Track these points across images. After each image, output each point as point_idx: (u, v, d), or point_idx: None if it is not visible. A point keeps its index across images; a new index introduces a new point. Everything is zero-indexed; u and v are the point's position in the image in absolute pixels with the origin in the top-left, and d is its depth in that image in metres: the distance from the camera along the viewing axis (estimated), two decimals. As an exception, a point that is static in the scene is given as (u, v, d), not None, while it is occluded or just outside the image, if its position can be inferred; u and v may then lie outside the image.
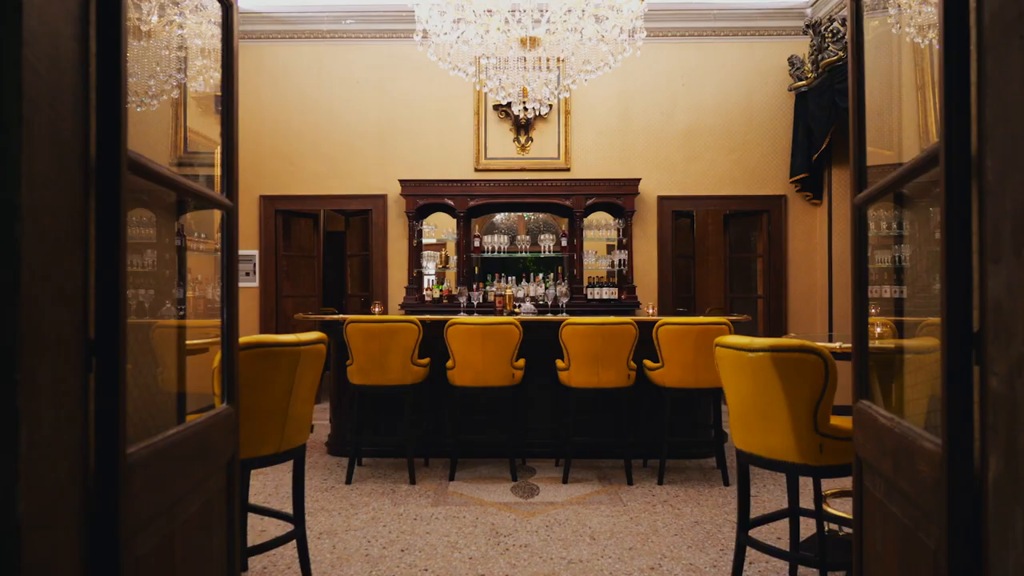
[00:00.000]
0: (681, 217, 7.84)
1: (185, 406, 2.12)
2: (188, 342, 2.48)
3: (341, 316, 4.85)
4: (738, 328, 4.63)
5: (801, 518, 3.49)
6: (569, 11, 4.62)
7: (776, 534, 3.53)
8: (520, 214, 7.82)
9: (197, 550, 1.75)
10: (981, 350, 1.25)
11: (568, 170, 7.34)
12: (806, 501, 3.96)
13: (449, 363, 4.55)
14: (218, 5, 2.02)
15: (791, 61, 7.20)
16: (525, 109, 5.54)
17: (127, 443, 1.33)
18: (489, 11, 4.55)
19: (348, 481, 4.45)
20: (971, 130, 1.27)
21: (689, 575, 2.99)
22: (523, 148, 7.32)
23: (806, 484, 4.20)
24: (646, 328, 4.63)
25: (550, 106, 7.10)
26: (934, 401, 1.51)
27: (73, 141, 1.23)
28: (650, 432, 4.97)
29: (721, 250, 8.36)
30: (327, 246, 9.12)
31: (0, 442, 1.07)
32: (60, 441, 1.19)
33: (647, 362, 4.59)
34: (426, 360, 4.62)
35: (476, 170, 7.34)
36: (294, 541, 2.82)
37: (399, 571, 3.02)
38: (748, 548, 3.02)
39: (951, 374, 1.30)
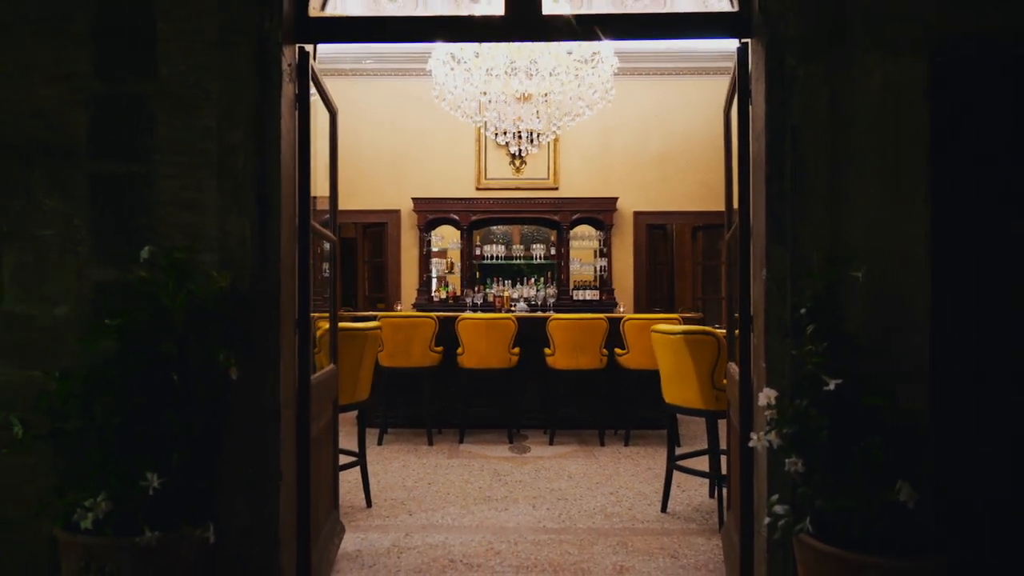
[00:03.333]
0: (657, 229, 9.04)
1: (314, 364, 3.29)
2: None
3: (374, 313, 6.02)
4: (688, 323, 5.81)
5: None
6: (555, 69, 5.82)
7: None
8: (515, 226, 9.00)
9: (325, 447, 2.94)
10: (752, 324, 2.44)
11: (556, 189, 8.54)
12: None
13: (459, 350, 5.72)
14: (327, 113, 3.19)
15: (747, 97, 8.42)
16: (519, 143, 6.72)
17: (311, 374, 2.51)
18: (490, 71, 5.74)
19: (380, 443, 5.63)
20: (750, 212, 2.47)
21: (637, 498, 4.18)
22: (518, 170, 8.51)
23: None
24: (616, 322, 5.82)
25: (539, 139, 8.29)
26: (749, 356, 2.70)
27: (291, 218, 2.42)
28: (620, 406, 6.14)
29: (691, 258, 9.57)
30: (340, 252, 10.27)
31: (271, 366, 2.26)
32: (289, 368, 2.38)
33: (617, 349, 5.78)
34: (440, 348, 5.79)
35: (477, 189, 8.53)
36: (357, 468, 3.99)
37: (429, 494, 4.21)
38: (676, 477, 4.20)
39: (742, 338, 2.50)
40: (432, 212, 8.35)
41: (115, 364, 1.99)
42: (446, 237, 8.64)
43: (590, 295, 8.27)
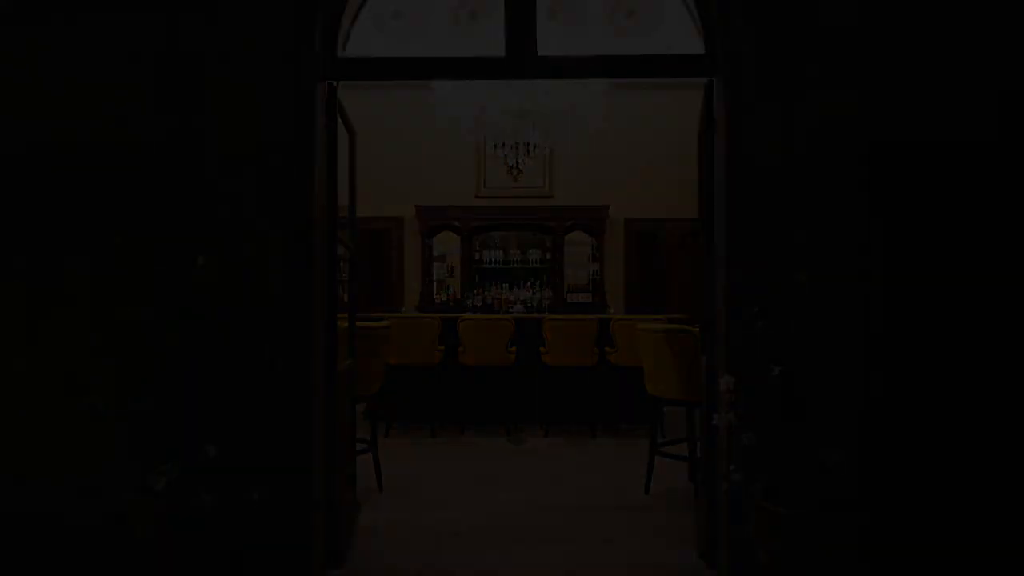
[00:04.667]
0: (647, 235, 9.43)
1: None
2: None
3: (382, 315, 6.42)
4: (673, 323, 6.22)
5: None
6: (551, 85, 6.25)
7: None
8: (513, 233, 9.40)
9: (345, 429, 3.34)
10: (716, 321, 2.86)
11: (552, 197, 8.96)
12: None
13: (460, 349, 6.13)
14: (347, 134, 3.60)
15: (733, 109, 8.87)
16: (516, 154, 7.17)
17: (336, 363, 2.92)
18: (490, 86, 6.17)
19: (386, 435, 6.02)
20: (715, 219, 2.88)
21: (623, 481, 4.59)
22: (515, 180, 8.91)
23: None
24: (606, 323, 6.24)
25: (535, 150, 8.71)
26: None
27: (322, 230, 2.82)
28: (610, 400, 6.54)
29: (680, 263, 9.96)
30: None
31: (306, 357, 2.66)
32: (319, 359, 2.78)
33: (607, 348, 6.19)
34: (442, 347, 6.20)
35: (477, 197, 8.95)
36: (369, 455, 4.39)
37: (434, 478, 4.62)
38: (659, 463, 4.60)
39: (709, 332, 2.91)
40: (434, 219, 8.77)
41: (182, 353, 2.39)
42: (447, 243, 9.05)
43: (583, 298, 8.70)
